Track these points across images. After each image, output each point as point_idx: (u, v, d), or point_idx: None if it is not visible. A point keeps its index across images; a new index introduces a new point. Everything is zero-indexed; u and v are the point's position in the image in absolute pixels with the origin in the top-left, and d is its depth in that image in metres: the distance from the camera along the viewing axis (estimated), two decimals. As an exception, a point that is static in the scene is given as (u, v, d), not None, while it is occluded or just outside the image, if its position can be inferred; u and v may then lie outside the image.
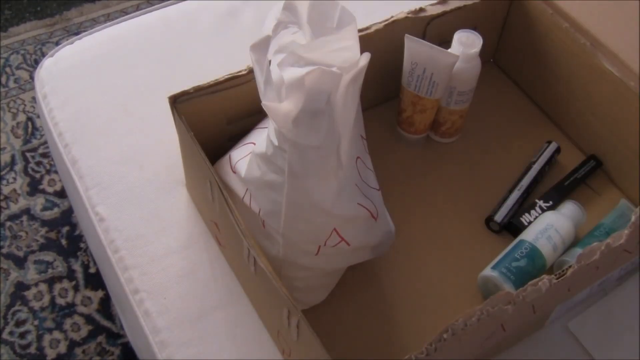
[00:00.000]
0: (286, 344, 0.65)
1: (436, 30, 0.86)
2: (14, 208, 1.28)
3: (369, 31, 0.80)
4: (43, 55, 1.54)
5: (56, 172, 1.33)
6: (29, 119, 1.42)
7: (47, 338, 1.13)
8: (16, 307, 1.15)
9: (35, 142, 1.38)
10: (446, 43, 0.82)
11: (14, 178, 1.32)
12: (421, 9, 0.84)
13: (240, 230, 0.60)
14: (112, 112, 0.91)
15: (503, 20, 0.94)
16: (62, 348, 1.12)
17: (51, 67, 0.97)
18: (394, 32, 0.81)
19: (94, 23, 1.63)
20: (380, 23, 0.81)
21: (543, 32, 0.88)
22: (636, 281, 0.78)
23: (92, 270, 1.20)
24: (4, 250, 1.22)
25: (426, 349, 0.54)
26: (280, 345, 0.69)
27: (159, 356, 0.71)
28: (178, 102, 0.70)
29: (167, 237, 0.78)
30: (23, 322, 1.14)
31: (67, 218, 1.27)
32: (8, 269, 1.20)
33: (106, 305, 1.16)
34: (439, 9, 0.85)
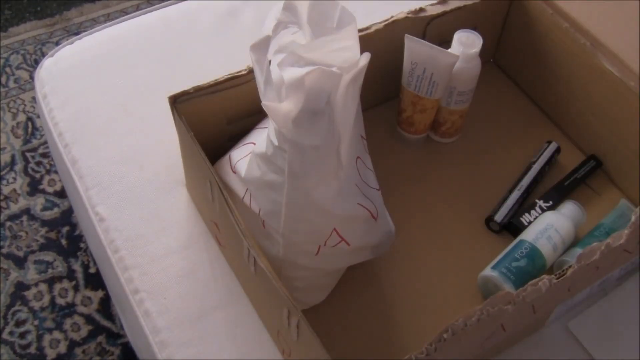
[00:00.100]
0: (286, 344, 0.65)
1: (436, 30, 0.86)
2: (14, 208, 1.28)
3: (369, 31, 0.80)
4: (43, 55, 1.54)
5: (56, 172, 1.33)
6: (29, 119, 1.42)
7: (47, 338, 1.13)
8: (16, 307, 1.15)
9: (35, 142, 1.38)
10: (446, 43, 0.82)
11: (14, 178, 1.32)
12: (421, 9, 0.84)
13: (240, 230, 0.60)
14: (112, 112, 0.91)
15: (503, 20, 0.94)
16: (62, 348, 1.12)
17: (51, 67, 0.97)
18: (394, 32, 0.81)
19: (94, 23, 1.63)
20: (380, 23, 0.81)
21: (543, 32, 0.88)
22: (636, 281, 0.78)
23: (92, 270, 1.20)
24: (4, 250, 1.22)
25: (426, 349, 0.54)
26: (280, 345, 0.69)
27: (159, 356, 0.71)
28: (178, 102, 0.70)
29: (167, 237, 0.78)
30: (23, 322, 1.14)
31: (67, 218, 1.27)
32: (8, 269, 1.20)
33: (106, 305, 1.16)
34: (439, 9, 0.85)
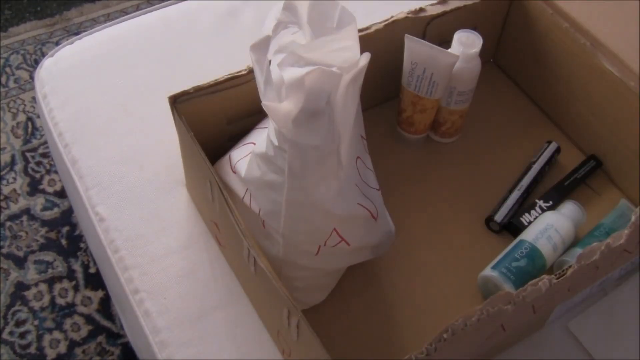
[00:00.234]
0: (286, 344, 0.65)
1: (436, 30, 0.86)
2: (14, 208, 1.28)
3: (369, 31, 0.80)
4: (43, 55, 1.54)
5: (56, 172, 1.33)
6: (29, 119, 1.42)
7: (47, 338, 1.13)
8: (16, 307, 1.15)
9: (35, 142, 1.38)
10: (446, 43, 0.82)
11: (14, 178, 1.32)
12: (421, 9, 0.84)
13: (240, 230, 0.60)
14: (112, 112, 0.91)
15: (503, 20, 0.94)
16: (62, 348, 1.11)
17: (51, 67, 0.97)
18: (394, 32, 0.81)
19: (94, 23, 1.63)
20: (380, 23, 0.81)
21: (543, 32, 0.88)
22: (636, 281, 0.78)
23: (92, 270, 1.20)
24: (4, 250, 1.22)
25: (426, 349, 0.54)
26: (280, 345, 0.69)
27: (159, 356, 0.71)
28: (178, 102, 0.70)
29: (167, 237, 0.78)
30: (23, 322, 1.14)
31: (67, 218, 1.27)
32: (8, 269, 1.20)
33: (106, 305, 1.16)
34: (439, 9, 0.85)
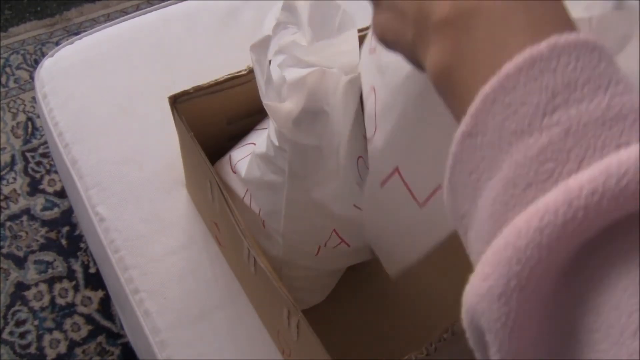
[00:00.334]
0: (286, 344, 0.65)
1: (436, 30, 0.86)
2: (14, 208, 1.28)
3: (369, 31, 0.80)
4: (43, 55, 1.54)
5: (56, 172, 1.33)
6: (29, 119, 1.43)
7: (47, 338, 1.13)
8: (16, 307, 1.15)
9: (35, 142, 1.38)
10: (446, 43, 0.82)
11: (14, 178, 1.32)
12: (421, 9, 0.84)
13: (240, 230, 0.60)
14: (112, 112, 0.91)
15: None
16: (62, 348, 1.12)
17: (51, 67, 0.97)
18: (394, 32, 0.81)
19: (94, 23, 1.63)
20: (380, 23, 0.81)
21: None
22: (636, 281, 0.78)
23: (92, 270, 1.20)
24: (4, 250, 1.22)
25: (426, 349, 0.54)
26: (280, 345, 0.69)
27: (159, 356, 0.71)
28: (178, 102, 0.70)
29: (167, 237, 0.78)
30: (23, 322, 1.14)
31: (67, 218, 1.27)
32: (8, 269, 1.20)
33: (106, 305, 1.16)
34: (439, 9, 0.85)
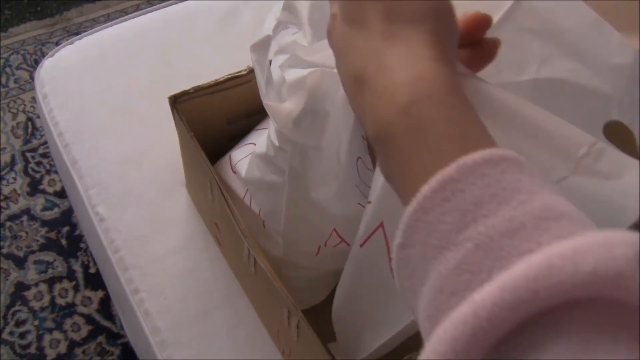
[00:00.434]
0: (286, 344, 0.65)
1: (436, 30, 0.86)
2: (14, 208, 1.28)
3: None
4: (43, 55, 1.54)
5: (56, 172, 1.33)
6: (29, 119, 1.43)
7: (47, 338, 1.13)
8: (16, 307, 1.15)
9: (35, 142, 1.38)
10: (446, 43, 0.82)
11: (14, 178, 1.32)
12: (421, 9, 0.84)
13: (240, 230, 0.60)
14: (112, 112, 0.91)
15: (503, 20, 0.94)
16: (62, 348, 1.12)
17: (51, 67, 0.97)
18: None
19: (94, 23, 1.63)
20: (380, 23, 0.81)
21: (543, 32, 0.88)
22: (636, 281, 0.78)
23: (92, 270, 1.20)
24: (4, 250, 1.22)
25: (426, 349, 0.54)
26: (280, 345, 0.69)
27: (159, 356, 0.71)
28: (178, 102, 0.70)
29: (167, 237, 0.78)
30: (23, 322, 1.14)
31: (67, 218, 1.27)
32: (8, 269, 1.20)
33: (106, 305, 1.16)
34: (439, 9, 0.85)
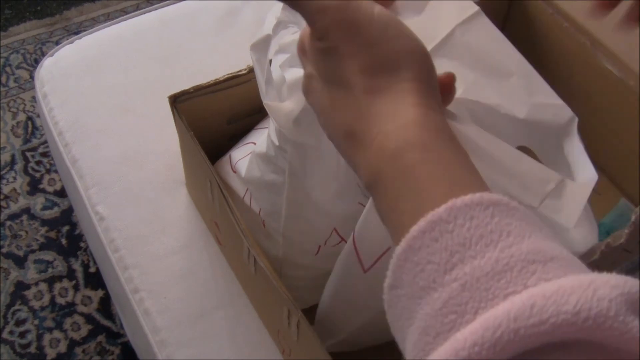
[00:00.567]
0: (286, 344, 0.65)
1: (436, 30, 0.86)
2: (14, 207, 1.28)
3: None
4: (43, 54, 1.54)
5: (56, 172, 1.33)
6: (29, 119, 1.43)
7: (47, 337, 1.13)
8: (16, 307, 1.15)
9: (35, 142, 1.38)
10: (446, 43, 0.82)
11: (14, 177, 1.32)
12: (421, 9, 0.84)
13: (240, 230, 0.60)
14: (112, 112, 0.91)
15: (503, 20, 0.94)
16: (62, 347, 1.12)
17: (51, 67, 0.97)
18: (394, 32, 0.81)
19: (94, 22, 1.63)
20: (380, 23, 0.81)
21: (543, 32, 0.88)
22: (636, 281, 0.78)
23: (92, 269, 1.20)
24: (4, 249, 1.22)
25: (426, 349, 0.54)
26: (280, 345, 0.69)
27: (159, 356, 0.71)
28: (178, 102, 0.70)
29: (167, 237, 0.78)
30: (23, 322, 1.14)
31: (67, 217, 1.27)
32: (8, 269, 1.20)
33: (106, 304, 1.16)
34: (439, 9, 0.85)
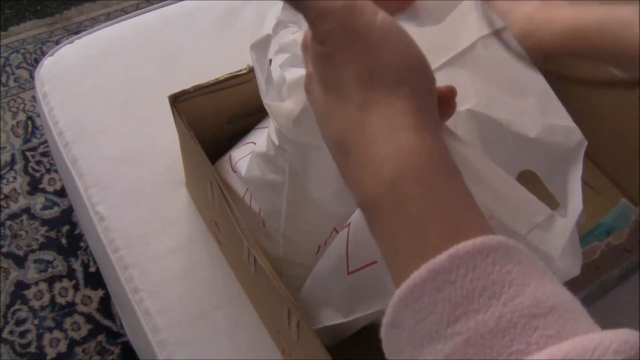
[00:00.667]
0: (286, 344, 0.65)
1: (436, 29, 0.86)
2: (14, 207, 1.28)
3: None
4: (43, 54, 1.54)
5: (56, 171, 1.33)
6: (29, 118, 1.42)
7: (47, 337, 1.13)
8: (16, 306, 1.15)
9: (35, 142, 1.38)
10: (446, 43, 0.82)
11: (14, 177, 1.32)
12: (421, 9, 0.84)
13: (240, 229, 0.60)
14: (112, 112, 0.91)
15: (503, 19, 0.94)
16: (62, 347, 1.12)
17: (51, 66, 0.97)
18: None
19: (94, 22, 1.63)
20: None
21: (543, 32, 0.88)
22: (636, 281, 0.78)
23: (92, 269, 1.20)
24: (4, 249, 1.22)
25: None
26: (280, 345, 0.69)
27: (159, 356, 0.71)
28: (178, 102, 0.70)
29: (167, 237, 0.78)
30: (23, 321, 1.14)
31: (67, 217, 1.27)
32: (8, 268, 1.20)
33: (106, 304, 1.16)
34: (440, 9, 0.85)
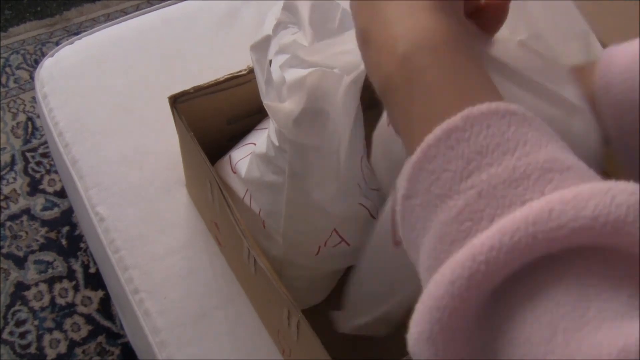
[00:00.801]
0: (286, 344, 0.65)
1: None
2: (14, 208, 1.28)
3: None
4: (43, 55, 1.54)
5: (56, 172, 1.33)
6: (29, 119, 1.43)
7: (47, 338, 1.13)
8: (16, 307, 1.15)
9: (35, 142, 1.38)
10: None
11: (14, 178, 1.32)
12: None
13: (240, 230, 0.60)
14: (112, 112, 0.91)
15: (503, 20, 0.94)
16: (62, 348, 1.12)
17: (51, 67, 0.97)
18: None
19: (94, 23, 1.63)
20: (380, 23, 0.81)
21: (543, 32, 0.88)
22: (636, 281, 0.78)
23: (92, 270, 1.20)
24: (4, 250, 1.22)
25: (426, 349, 0.54)
26: (280, 345, 0.69)
27: (159, 356, 0.71)
28: (178, 102, 0.70)
29: (167, 237, 0.78)
30: (23, 322, 1.14)
31: (67, 218, 1.27)
32: (8, 269, 1.20)
33: (106, 305, 1.16)
34: (439, 9, 0.85)
